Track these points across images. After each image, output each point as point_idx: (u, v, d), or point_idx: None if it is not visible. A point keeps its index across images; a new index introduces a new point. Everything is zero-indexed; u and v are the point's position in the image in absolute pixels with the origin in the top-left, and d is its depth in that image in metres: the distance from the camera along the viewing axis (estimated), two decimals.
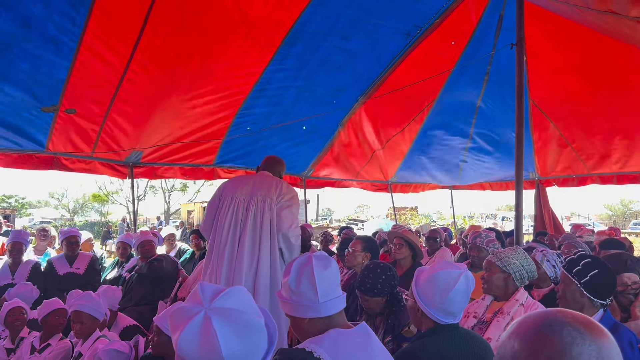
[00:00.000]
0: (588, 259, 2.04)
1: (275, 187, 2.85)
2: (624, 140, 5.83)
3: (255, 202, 2.79)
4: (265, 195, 2.80)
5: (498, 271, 2.33)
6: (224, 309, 1.08)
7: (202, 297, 1.10)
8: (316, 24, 3.98)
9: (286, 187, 2.90)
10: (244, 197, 2.82)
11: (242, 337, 1.07)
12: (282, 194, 2.83)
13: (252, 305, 1.16)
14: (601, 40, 4.41)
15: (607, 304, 1.99)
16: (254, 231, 2.74)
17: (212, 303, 1.09)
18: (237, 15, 3.58)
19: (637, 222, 28.15)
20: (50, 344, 2.91)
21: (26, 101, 3.63)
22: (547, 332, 0.74)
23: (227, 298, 1.11)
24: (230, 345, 1.04)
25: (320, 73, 4.73)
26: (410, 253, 3.70)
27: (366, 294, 2.43)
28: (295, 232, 2.82)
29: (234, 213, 2.79)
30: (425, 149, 6.99)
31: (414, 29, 4.47)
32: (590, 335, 0.72)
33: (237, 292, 1.15)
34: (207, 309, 1.07)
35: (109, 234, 18.88)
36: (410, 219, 23.17)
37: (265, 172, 3.04)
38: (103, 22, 3.19)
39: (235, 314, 1.08)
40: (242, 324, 1.08)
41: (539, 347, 0.73)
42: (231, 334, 1.05)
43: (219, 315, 1.06)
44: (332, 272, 1.51)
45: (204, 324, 1.05)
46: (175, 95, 4.33)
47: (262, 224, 2.74)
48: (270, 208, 2.77)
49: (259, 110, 4.96)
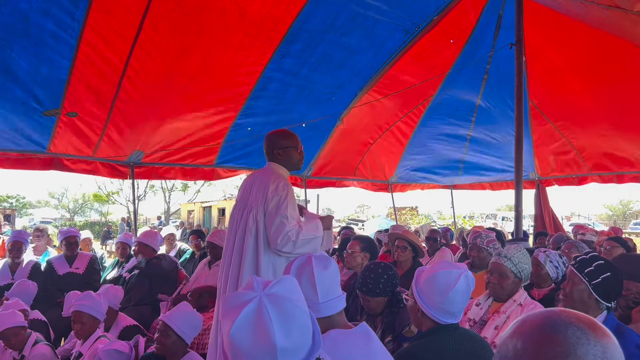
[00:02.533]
0: (601, 261, 2.04)
1: (263, 194, 2.49)
2: (624, 139, 5.83)
3: (246, 213, 2.52)
4: (252, 206, 2.51)
5: (512, 277, 2.34)
6: (279, 297, 1.06)
7: (256, 286, 1.08)
8: (315, 22, 3.99)
9: (272, 189, 2.49)
10: (240, 205, 2.60)
11: (294, 329, 1.04)
12: (267, 201, 2.47)
13: (302, 297, 1.14)
14: (601, 40, 4.41)
15: (612, 307, 1.99)
16: (239, 246, 2.50)
17: (266, 289, 1.06)
18: (236, 12, 3.59)
19: (637, 222, 28.17)
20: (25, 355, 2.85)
21: (28, 104, 3.63)
22: (552, 331, 0.73)
23: (280, 285, 1.09)
24: (283, 337, 1.01)
25: (320, 70, 4.74)
26: (412, 254, 3.72)
27: (368, 295, 2.43)
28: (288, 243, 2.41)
29: (235, 223, 2.58)
30: (425, 148, 7.00)
31: (412, 26, 4.48)
32: (594, 336, 0.72)
33: (290, 280, 1.13)
34: (263, 295, 1.04)
35: (109, 234, 18.87)
36: (410, 219, 23.18)
37: (267, 166, 2.70)
38: (102, 17, 3.18)
39: (288, 304, 1.06)
40: (294, 315, 1.06)
41: (544, 347, 0.72)
42: (285, 326, 1.02)
43: (273, 302, 1.04)
44: (332, 272, 1.51)
45: (258, 311, 1.02)
46: (175, 95, 4.34)
47: (244, 238, 2.47)
48: (255, 221, 2.47)
49: (260, 110, 4.96)
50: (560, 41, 4.72)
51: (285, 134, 2.69)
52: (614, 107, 5.32)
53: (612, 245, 4.05)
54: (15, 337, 2.83)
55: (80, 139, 4.32)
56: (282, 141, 2.64)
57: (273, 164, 2.68)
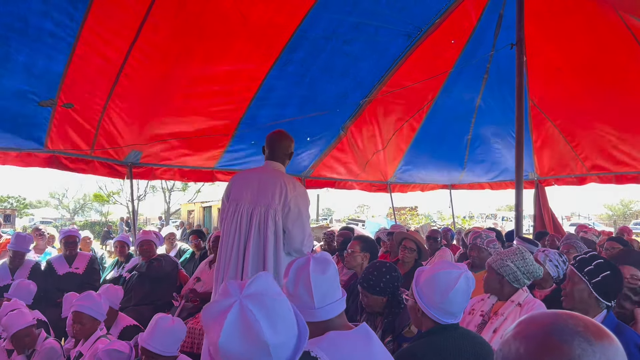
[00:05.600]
0: (600, 260, 2.04)
1: (279, 194, 2.54)
2: (624, 139, 5.83)
3: (259, 212, 2.55)
4: (269, 205, 2.53)
5: (493, 273, 2.38)
6: (257, 295, 1.05)
7: (232, 291, 1.08)
8: (318, 30, 3.96)
9: (292, 190, 2.57)
10: (247, 205, 2.59)
11: (279, 323, 1.05)
12: (288, 202, 2.53)
13: (280, 291, 1.14)
14: (601, 40, 4.41)
15: (612, 306, 1.99)
16: (258, 246, 2.53)
17: (243, 292, 1.06)
18: (238, 18, 3.56)
19: (637, 222, 28.16)
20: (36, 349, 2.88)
21: (23, 95, 3.61)
22: (557, 338, 0.72)
23: (255, 285, 1.09)
24: (271, 332, 1.01)
25: (323, 80, 4.68)
26: (416, 257, 3.73)
27: (367, 291, 2.43)
28: (308, 244, 2.60)
29: (238, 223, 2.58)
30: (424, 148, 6.99)
31: (414, 30, 4.47)
32: (601, 347, 0.71)
33: (264, 277, 1.13)
34: (241, 297, 1.04)
35: (109, 234, 18.85)
36: (410, 218, 23.14)
37: (269, 165, 2.75)
38: (101, 19, 3.17)
39: (268, 300, 1.06)
40: (276, 309, 1.06)
41: (547, 356, 0.71)
42: (270, 321, 1.03)
43: (253, 302, 1.03)
44: (329, 276, 1.47)
45: (241, 313, 1.02)
46: (174, 98, 4.31)
47: (266, 239, 2.51)
48: (274, 221, 2.52)
49: (262, 120, 4.89)
50: (560, 41, 4.72)
51: (293, 141, 2.82)
52: (614, 107, 5.31)
53: (613, 246, 4.03)
54: (27, 337, 2.87)
55: (77, 132, 4.27)
56: (292, 148, 2.82)
57: (279, 165, 2.75)
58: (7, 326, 2.83)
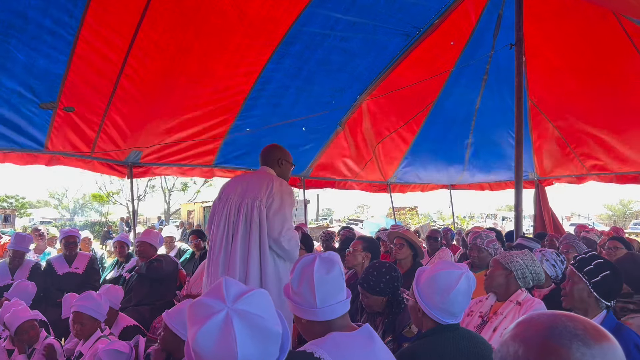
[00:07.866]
0: (600, 260, 2.04)
1: (266, 188, 2.69)
2: (623, 139, 5.83)
3: (246, 204, 2.68)
4: (255, 196, 2.67)
5: (500, 268, 2.35)
6: (247, 312, 1.06)
7: (226, 295, 1.08)
8: (315, 26, 3.98)
9: (277, 186, 2.72)
10: (236, 198, 2.73)
11: (259, 343, 1.06)
12: (272, 194, 2.66)
13: (273, 311, 1.15)
14: (599, 40, 4.42)
15: (611, 306, 1.99)
16: (244, 236, 2.66)
17: (235, 304, 1.07)
18: (236, 13, 3.58)
19: (637, 222, 28.16)
20: (36, 348, 2.89)
21: (24, 96, 3.60)
22: (556, 342, 0.72)
23: (250, 300, 1.09)
24: (246, 349, 1.03)
25: (320, 73, 4.72)
26: (411, 253, 3.70)
27: (367, 291, 2.42)
28: (286, 236, 2.66)
29: (227, 216, 2.72)
30: (424, 149, 6.99)
31: (413, 30, 4.47)
32: (599, 350, 0.70)
33: (261, 296, 1.13)
34: (230, 309, 1.05)
35: (109, 234, 18.83)
36: (410, 219, 23.15)
37: (262, 170, 2.92)
38: (100, 15, 3.18)
39: (256, 319, 1.06)
40: (261, 330, 1.06)
41: (545, 358, 0.71)
42: (249, 339, 1.04)
43: (240, 318, 1.04)
44: (333, 277, 1.47)
45: (224, 324, 1.03)
46: (173, 96, 4.33)
47: (251, 227, 2.64)
48: (259, 211, 2.64)
49: (259, 111, 4.94)
50: (559, 41, 4.73)
51: (285, 152, 3.02)
52: (613, 107, 5.32)
53: (615, 245, 4.01)
54: (32, 329, 2.89)
55: (78, 135, 4.29)
56: (288, 157, 3.01)
57: (271, 170, 2.91)
58: (11, 320, 2.86)
